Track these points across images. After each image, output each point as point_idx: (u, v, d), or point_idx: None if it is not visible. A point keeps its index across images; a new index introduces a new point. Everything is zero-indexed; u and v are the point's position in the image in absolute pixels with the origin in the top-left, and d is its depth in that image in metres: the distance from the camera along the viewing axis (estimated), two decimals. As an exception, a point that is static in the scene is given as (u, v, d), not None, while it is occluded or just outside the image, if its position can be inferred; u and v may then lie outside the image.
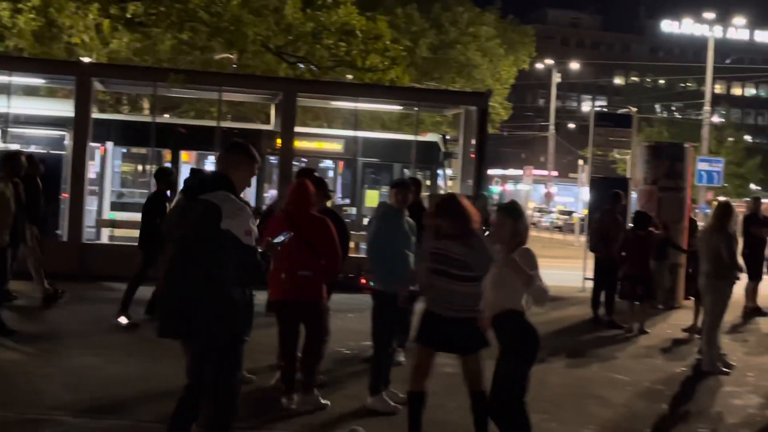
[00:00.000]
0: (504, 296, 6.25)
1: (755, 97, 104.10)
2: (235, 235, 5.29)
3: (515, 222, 6.34)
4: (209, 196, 5.40)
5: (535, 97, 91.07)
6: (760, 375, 10.90)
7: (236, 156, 5.66)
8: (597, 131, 19.46)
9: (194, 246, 5.39)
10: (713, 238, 10.88)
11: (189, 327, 5.46)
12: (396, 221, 8.41)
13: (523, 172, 63.78)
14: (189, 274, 5.40)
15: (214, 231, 5.28)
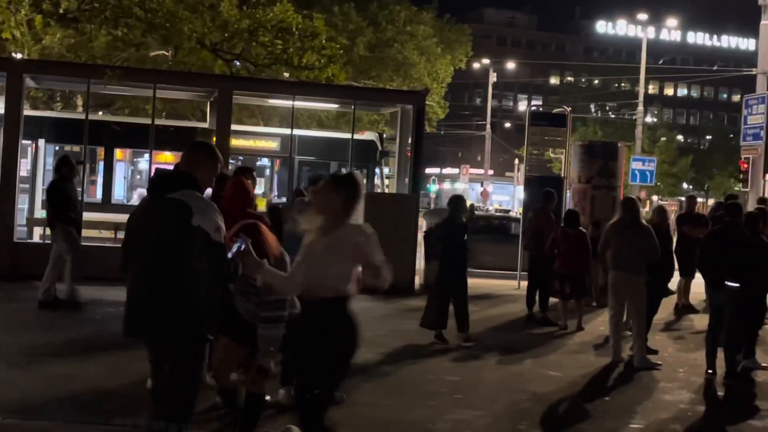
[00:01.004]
0: (329, 279, 5.56)
1: (687, 97, 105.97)
2: (206, 231, 5.25)
3: (341, 193, 5.59)
4: (176, 194, 5.36)
5: (472, 96, 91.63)
6: (691, 371, 11.07)
7: (201, 155, 5.65)
8: (532, 130, 19.63)
9: (167, 244, 5.34)
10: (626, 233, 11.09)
11: (158, 325, 5.40)
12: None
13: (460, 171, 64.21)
14: (161, 273, 5.35)
15: (185, 228, 5.24)
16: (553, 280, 14.02)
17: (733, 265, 10.44)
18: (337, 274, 5.50)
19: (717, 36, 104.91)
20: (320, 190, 5.70)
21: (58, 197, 12.88)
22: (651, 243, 11.14)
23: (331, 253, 5.48)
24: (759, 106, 24.49)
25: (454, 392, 9.30)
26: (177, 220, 5.30)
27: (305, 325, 5.65)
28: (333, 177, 5.93)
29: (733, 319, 10.53)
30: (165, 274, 5.34)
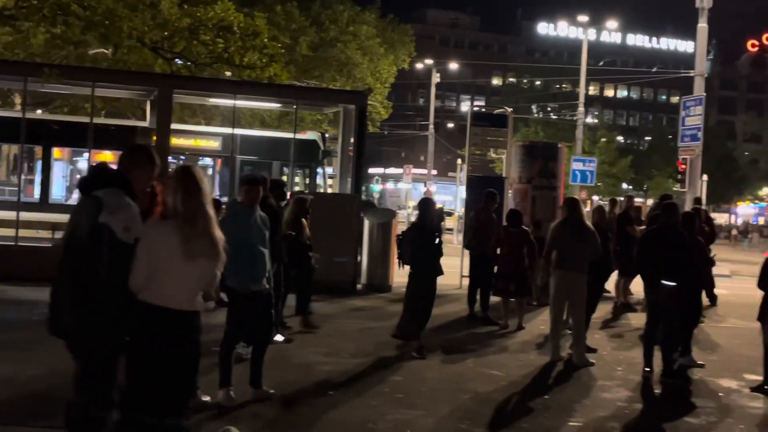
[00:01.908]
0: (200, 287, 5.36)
1: (627, 98, 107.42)
2: (113, 229, 5.15)
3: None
4: (100, 192, 5.28)
5: (415, 96, 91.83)
6: (629, 369, 11.21)
7: (137, 157, 5.57)
8: (474, 131, 19.72)
9: (75, 241, 5.25)
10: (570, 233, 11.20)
11: (59, 326, 5.31)
12: (247, 218, 8.36)
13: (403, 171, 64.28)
14: (65, 271, 5.26)
15: (92, 225, 5.15)
16: (497, 279, 14.11)
17: (670, 265, 10.58)
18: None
19: (656, 38, 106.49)
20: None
21: None
22: (594, 243, 11.26)
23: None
24: (696, 107, 24.88)
25: (396, 392, 9.30)
26: (87, 217, 5.21)
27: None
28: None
29: (670, 317, 10.68)
30: (68, 273, 5.24)
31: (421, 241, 11.44)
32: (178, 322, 5.18)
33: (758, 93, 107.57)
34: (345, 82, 36.73)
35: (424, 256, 11.39)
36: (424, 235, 11.46)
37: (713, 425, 8.82)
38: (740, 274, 24.89)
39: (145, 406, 5.18)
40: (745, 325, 15.31)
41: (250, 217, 8.38)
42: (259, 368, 8.54)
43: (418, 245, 11.44)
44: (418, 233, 11.57)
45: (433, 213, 11.75)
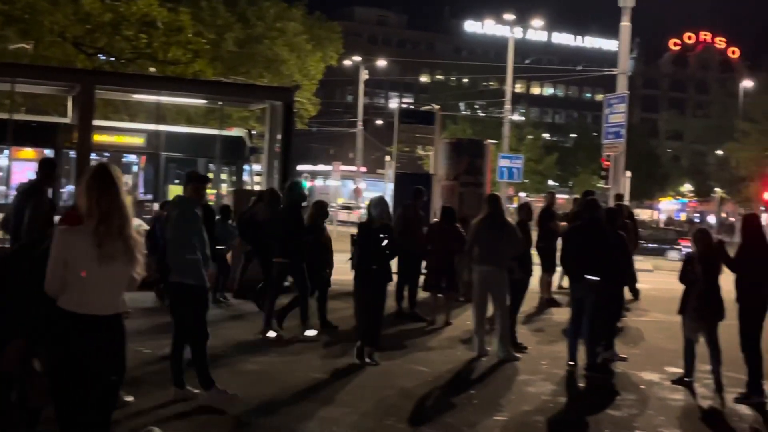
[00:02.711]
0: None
1: (553, 96, 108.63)
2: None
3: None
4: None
5: (344, 93, 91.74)
6: (554, 363, 11.33)
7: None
8: (401, 128, 19.76)
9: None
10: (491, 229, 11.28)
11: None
12: (197, 214, 8.33)
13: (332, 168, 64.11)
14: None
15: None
16: (427, 275, 14.14)
17: (593, 260, 10.72)
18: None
19: (581, 37, 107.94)
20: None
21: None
22: (514, 239, 11.36)
23: None
24: (619, 105, 25.25)
25: (322, 390, 9.27)
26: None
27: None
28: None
29: (594, 311, 10.82)
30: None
31: (367, 242, 10.82)
32: (97, 328, 5.06)
33: (680, 91, 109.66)
34: (272, 79, 36.43)
35: (370, 258, 10.73)
36: (370, 235, 10.78)
37: (635, 417, 8.96)
38: (662, 268, 25.34)
39: (69, 419, 5.06)
40: (667, 318, 15.57)
41: (198, 214, 8.41)
42: (198, 368, 8.44)
43: (363, 246, 10.87)
44: (363, 234, 10.93)
45: (380, 212, 10.88)
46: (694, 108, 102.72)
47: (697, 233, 10.76)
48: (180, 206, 8.54)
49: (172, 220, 8.59)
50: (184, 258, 8.27)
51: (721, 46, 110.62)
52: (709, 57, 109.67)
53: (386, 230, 10.75)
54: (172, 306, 8.68)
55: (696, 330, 10.33)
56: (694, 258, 10.37)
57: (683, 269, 10.45)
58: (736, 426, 8.99)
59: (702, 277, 10.15)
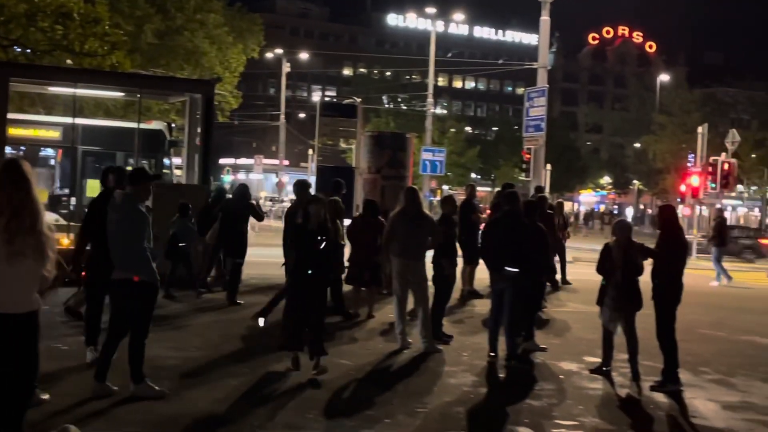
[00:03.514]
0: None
1: (475, 89, 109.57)
2: None
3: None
4: None
5: (266, 86, 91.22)
6: (475, 354, 11.41)
7: None
8: (323, 121, 19.76)
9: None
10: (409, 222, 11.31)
11: None
12: (146, 211, 8.47)
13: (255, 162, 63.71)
14: None
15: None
16: (350, 268, 14.11)
17: (512, 251, 10.82)
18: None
19: (502, 31, 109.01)
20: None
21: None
22: (433, 231, 11.39)
23: None
24: (539, 98, 25.55)
25: (243, 384, 9.20)
26: None
27: None
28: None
29: (513, 303, 10.92)
30: None
31: (303, 244, 9.94)
32: (8, 327, 4.94)
33: (599, 85, 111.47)
34: (193, 71, 36.05)
35: (307, 262, 9.82)
36: (306, 237, 9.92)
37: (554, 407, 9.07)
38: (581, 260, 25.71)
39: None
40: (586, 309, 15.80)
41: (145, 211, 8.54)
42: (136, 362, 8.44)
43: (299, 249, 9.98)
44: (298, 235, 10.08)
45: (317, 211, 9.91)
46: (613, 101, 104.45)
47: (616, 224, 10.94)
48: (128, 203, 8.46)
49: (117, 216, 8.46)
50: (137, 254, 8.27)
51: (638, 40, 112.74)
52: (627, 51, 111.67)
53: (323, 231, 9.86)
54: (115, 302, 8.60)
55: (614, 320, 10.50)
56: (612, 248, 10.54)
57: (601, 260, 10.62)
58: (652, 413, 9.16)
59: (620, 267, 10.31)
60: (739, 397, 9.97)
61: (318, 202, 10.10)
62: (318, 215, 9.85)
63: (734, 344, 13.71)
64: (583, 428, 8.34)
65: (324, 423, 8.07)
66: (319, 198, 10.56)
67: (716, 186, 35.42)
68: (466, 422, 8.37)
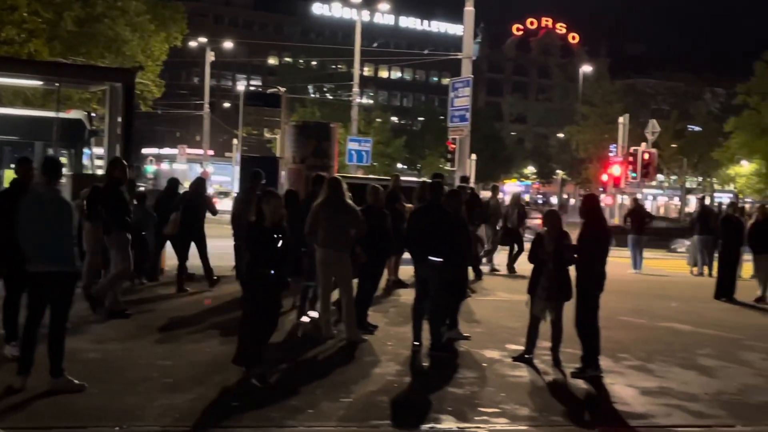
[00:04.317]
0: None
1: (400, 79, 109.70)
2: None
3: None
4: None
5: (190, 75, 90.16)
6: (399, 343, 11.45)
7: None
8: (247, 111, 19.60)
9: None
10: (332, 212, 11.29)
11: None
12: (68, 201, 8.35)
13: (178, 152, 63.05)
14: None
15: None
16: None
17: (436, 241, 10.87)
18: None
19: (427, 21, 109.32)
20: None
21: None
22: (355, 221, 11.37)
23: None
24: (464, 89, 25.72)
25: (165, 376, 9.12)
26: None
27: None
28: None
29: (437, 292, 10.98)
30: None
31: (258, 244, 9.18)
32: None
33: (523, 76, 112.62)
34: (114, 60, 35.36)
35: (263, 262, 9.12)
36: (261, 236, 9.17)
37: (477, 394, 9.15)
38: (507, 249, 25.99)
39: None
40: (509, 297, 16.03)
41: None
42: (57, 355, 8.38)
43: (255, 250, 9.24)
44: (254, 235, 9.30)
45: (274, 208, 9.21)
46: (537, 92, 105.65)
47: (548, 214, 11.07)
48: (51, 194, 8.31)
49: (39, 207, 8.30)
50: (61, 245, 8.24)
51: (561, 31, 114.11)
52: (551, 42, 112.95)
53: (280, 230, 9.23)
54: (33, 295, 8.46)
55: (545, 309, 10.62)
56: (544, 238, 10.66)
57: (533, 249, 10.74)
58: (573, 399, 9.31)
59: (552, 257, 10.43)
60: (658, 382, 10.16)
61: (274, 197, 9.38)
62: (275, 212, 9.14)
63: (653, 331, 13.98)
64: (505, 415, 8.43)
65: (248, 413, 8.02)
66: (274, 192, 9.87)
67: (637, 175, 36.08)
68: (389, 411, 8.40)
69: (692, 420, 8.66)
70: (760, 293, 18.24)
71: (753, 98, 56.88)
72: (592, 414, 8.76)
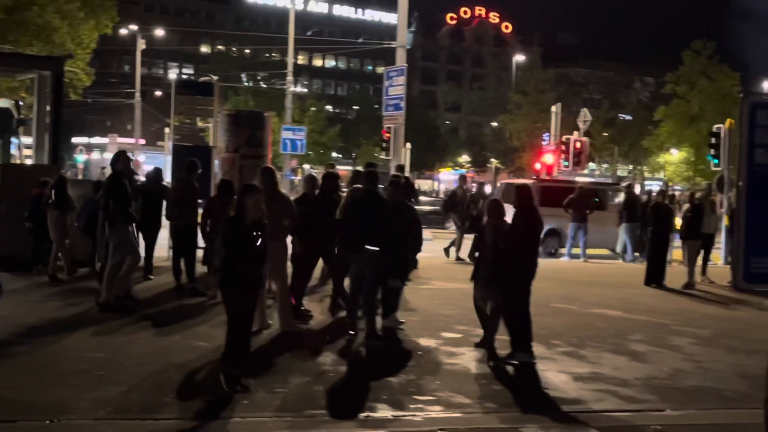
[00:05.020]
0: None
1: (335, 68, 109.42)
2: None
3: None
4: None
5: (121, 63, 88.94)
6: (335, 333, 11.45)
7: None
8: (179, 99, 19.39)
9: None
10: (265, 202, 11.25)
11: None
12: None
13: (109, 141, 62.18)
14: None
15: None
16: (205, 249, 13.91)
17: (371, 230, 10.87)
18: None
19: (362, 9, 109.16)
20: None
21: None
22: (287, 211, 11.32)
23: None
24: (398, 77, 25.69)
25: (98, 369, 9.01)
26: None
27: None
28: None
29: (372, 281, 10.99)
30: None
31: (236, 242, 8.50)
32: None
33: (457, 65, 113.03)
34: (43, 48, 34.78)
35: (241, 262, 8.48)
36: (240, 233, 8.52)
37: (412, 382, 9.18)
38: (441, 237, 26.13)
39: None
40: (445, 285, 16.11)
41: None
42: None
43: (232, 248, 8.49)
44: (231, 231, 8.60)
45: (255, 203, 8.64)
46: (471, 81, 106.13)
47: (489, 204, 11.14)
48: None
49: None
50: None
51: (495, 20, 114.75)
52: (484, 31, 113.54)
53: (260, 226, 8.67)
54: None
55: (485, 297, 10.68)
56: (485, 227, 10.72)
57: (474, 238, 10.80)
58: (507, 386, 9.38)
59: (492, 246, 10.50)
60: (589, 368, 10.31)
61: (256, 193, 8.75)
62: (256, 207, 8.57)
63: (585, 317, 14.16)
64: (440, 403, 8.48)
65: (180, 405, 7.97)
66: (256, 187, 9.17)
67: (569, 164, 36.46)
68: (325, 401, 8.39)
69: (623, 405, 8.80)
70: (688, 279, 18.58)
71: (681, 87, 57.98)
72: (525, 400, 8.84)
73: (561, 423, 8.08)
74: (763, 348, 4.45)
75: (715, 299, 17.17)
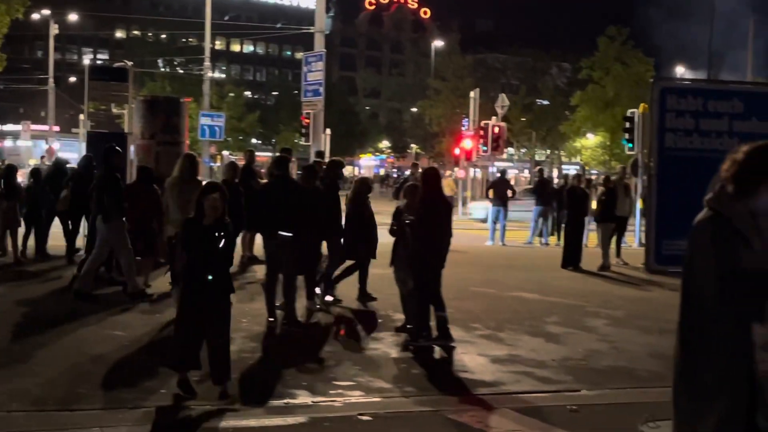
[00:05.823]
0: None
1: (253, 54, 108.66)
2: None
3: None
4: None
5: (33, 49, 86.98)
6: (254, 320, 11.37)
7: None
8: (92, 85, 19.08)
9: None
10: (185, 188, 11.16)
11: None
12: None
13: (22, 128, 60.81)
14: None
15: None
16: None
17: (286, 216, 10.84)
18: None
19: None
20: None
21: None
22: None
23: None
24: (317, 63, 25.63)
25: (11, 360, 8.83)
26: None
27: None
28: None
29: (289, 267, 10.97)
30: None
31: (198, 244, 7.96)
32: None
33: (376, 51, 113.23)
34: (-50, 33, 33.88)
35: (203, 265, 7.91)
36: (201, 235, 7.92)
37: (331, 369, 9.20)
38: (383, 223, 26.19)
39: None
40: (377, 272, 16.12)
41: None
42: None
43: (194, 251, 8.02)
44: (191, 233, 8.05)
45: (214, 202, 7.89)
46: (390, 67, 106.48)
47: (408, 188, 11.19)
48: None
49: None
50: None
51: (413, 6, 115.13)
52: (402, 17, 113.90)
53: (222, 227, 7.96)
54: None
55: (405, 280, 10.73)
56: (403, 212, 10.77)
57: (392, 222, 10.86)
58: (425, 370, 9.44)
59: (410, 230, 10.54)
60: (507, 350, 10.44)
61: (214, 190, 8.03)
62: (216, 207, 7.86)
63: (503, 300, 14.33)
64: (360, 388, 8.51)
65: (101, 396, 7.89)
66: (216, 184, 8.55)
67: (488, 149, 36.81)
68: (243, 388, 8.34)
69: (540, 386, 8.95)
70: (603, 261, 18.92)
71: (597, 73, 58.90)
72: (443, 383, 8.92)
73: (478, 405, 8.17)
74: (674, 328, 4.58)
75: (629, 281, 17.50)
